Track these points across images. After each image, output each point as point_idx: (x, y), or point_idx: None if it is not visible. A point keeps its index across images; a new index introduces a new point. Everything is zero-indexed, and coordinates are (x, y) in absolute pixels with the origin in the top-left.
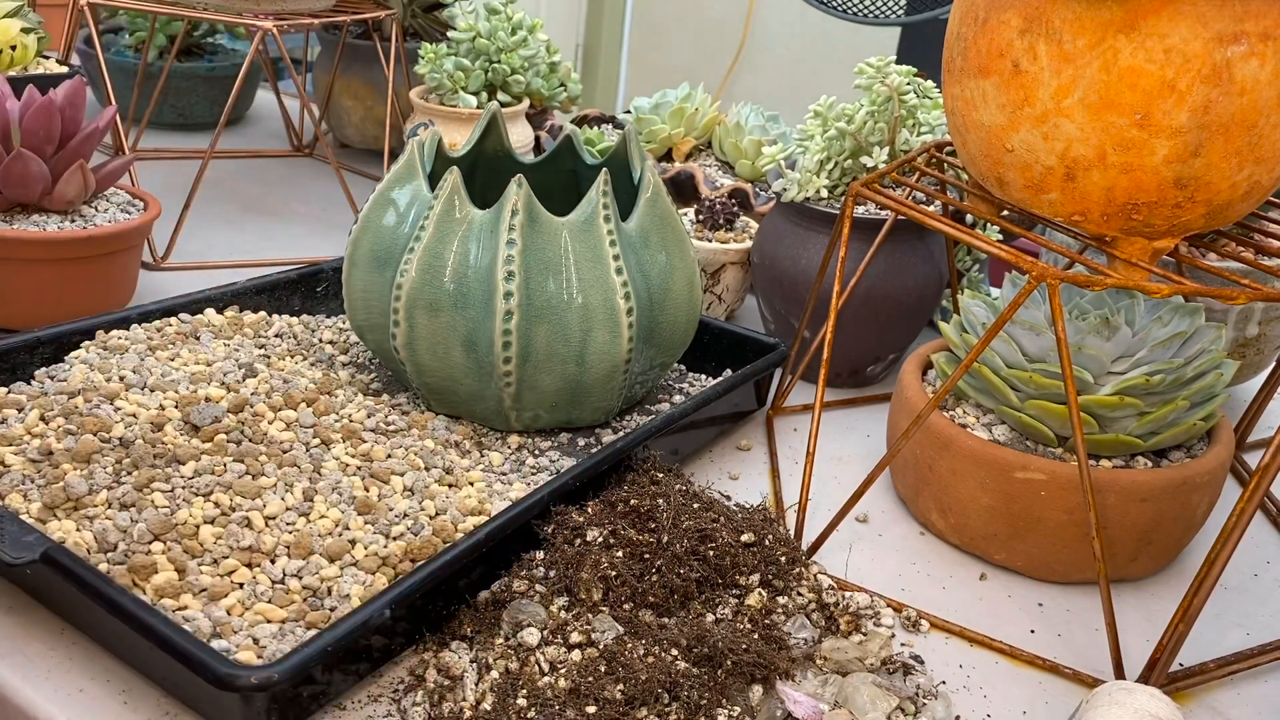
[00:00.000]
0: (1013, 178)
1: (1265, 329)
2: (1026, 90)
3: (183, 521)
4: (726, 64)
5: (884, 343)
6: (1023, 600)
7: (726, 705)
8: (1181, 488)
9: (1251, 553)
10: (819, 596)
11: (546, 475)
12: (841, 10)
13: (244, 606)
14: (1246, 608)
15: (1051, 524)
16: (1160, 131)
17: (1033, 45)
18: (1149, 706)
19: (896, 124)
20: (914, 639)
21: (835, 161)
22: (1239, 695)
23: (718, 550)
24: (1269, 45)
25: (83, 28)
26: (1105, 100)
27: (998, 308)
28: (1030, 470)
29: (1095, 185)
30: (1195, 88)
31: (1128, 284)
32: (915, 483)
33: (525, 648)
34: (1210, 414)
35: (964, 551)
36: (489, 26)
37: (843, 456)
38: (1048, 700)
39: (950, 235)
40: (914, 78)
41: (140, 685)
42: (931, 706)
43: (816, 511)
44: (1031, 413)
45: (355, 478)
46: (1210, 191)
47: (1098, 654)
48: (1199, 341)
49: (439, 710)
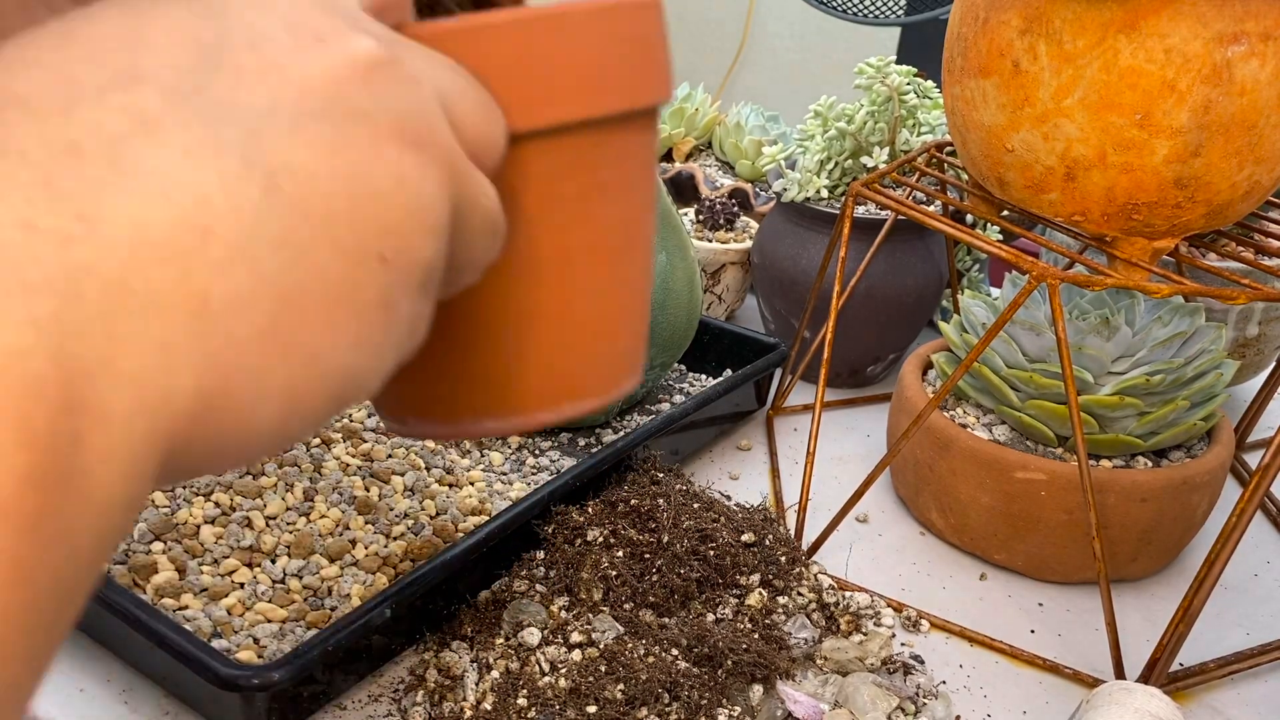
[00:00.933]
0: (1013, 178)
1: (1265, 329)
2: (1027, 90)
3: (183, 521)
4: (726, 64)
5: (884, 343)
6: (1023, 600)
7: (727, 705)
8: (1182, 488)
9: (1251, 553)
10: (819, 596)
11: (547, 475)
12: (841, 10)
13: (244, 606)
14: (1247, 608)
15: (1052, 524)
16: (1160, 131)
17: (1033, 45)
18: (1149, 706)
19: (896, 124)
20: (914, 639)
21: (835, 161)
22: (1239, 695)
23: (718, 550)
24: (1269, 45)
25: None
26: (1105, 100)
27: (998, 308)
28: (1030, 470)
29: (1095, 185)
30: (1195, 88)
31: (1128, 284)
32: (915, 483)
33: (525, 647)
34: (1210, 414)
35: (964, 551)
36: None
37: (843, 456)
38: (1048, 700)
39: (950, 235)
40: (914, 78)
41: (141, 685)
42: (932, 706)
43: (817, 511)
44: (1032, 413)
45: (356, 477)
46: (1210, 191)
47: (1098, 654)
48: (1199, 341)
49: (439, 710)
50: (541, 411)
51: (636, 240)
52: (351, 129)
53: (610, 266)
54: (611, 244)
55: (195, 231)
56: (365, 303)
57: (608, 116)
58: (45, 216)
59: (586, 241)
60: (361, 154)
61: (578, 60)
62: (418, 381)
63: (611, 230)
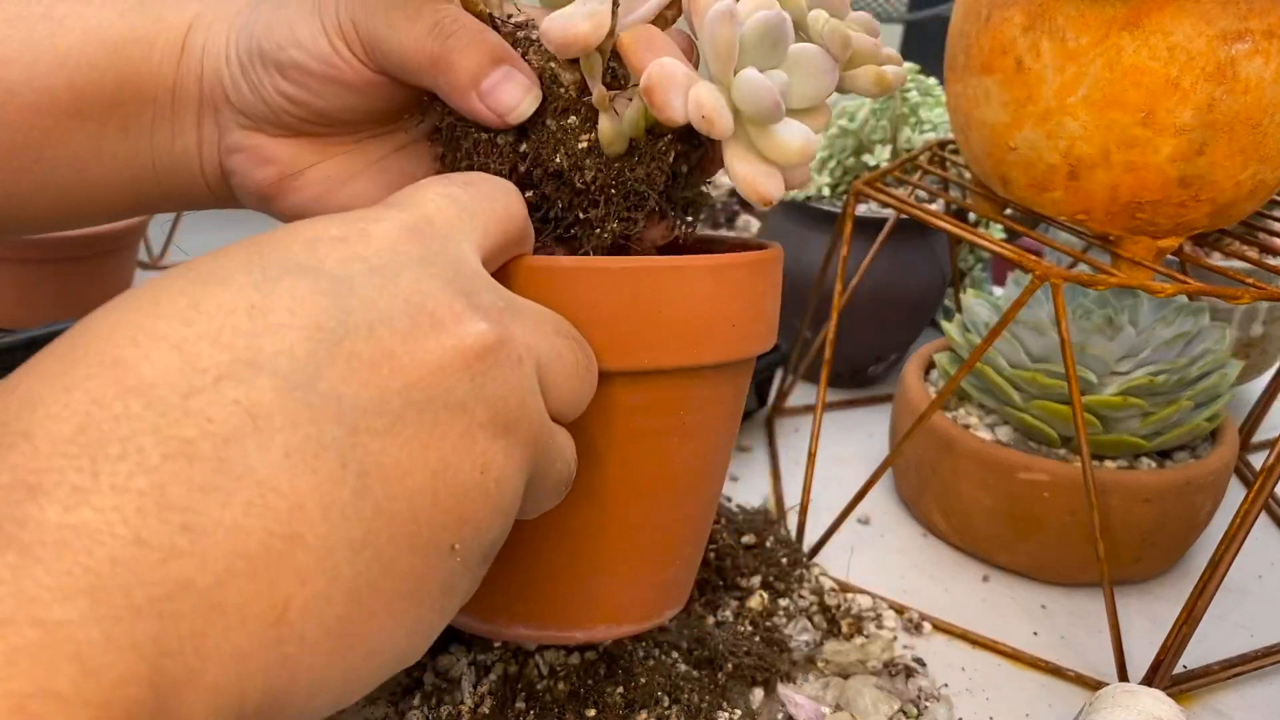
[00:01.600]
0: (1016, 176)
1: (1270, 329)
2: (1030, 88)
3: None
4: None
5: (886, 342)
6: (1025, 602)
7: (727, 708)
8: (1185, 489)
9: (1256, 554)
10: (820, 599)
11: None
12: None
13: None
14: (1251, 610)
15: (1055, 525)
16: (1164, 129)
17: (1036, 42)
18: (1153, 709)
19: (899, 122)
20: (916, 641)
21: (837, 160)
22: (1243, 698)
23: (718, 552)
24: (1273, 43)
25: None
26: (1109, 98)
27: (1001, 307)
28: (1033, 471)
29: (1099, 184)
30: (1199, 85)
31: (1132, 283)
32: (917, 484)
33: (524, 651)
34: (1215, 414)
35: (966, 553)
36: None
37: (844, 457)
38: (1050, 703)
39: (953, 234)
40: (916, 75)
41: None
42: (934, 709)
43: (818, 513)
44: (1035, 413)
45: None
46: (1215, 190)
47: (1101, 656)
48: (1203, 341)
49: (437, 713)
50: (577, 630)
51: (707, 477)
52: (448, 420)
53: (674, 502)
54: (682, 481)
55: (286, 539)
56: (429, 592)
57: (703, 366)
58: (155, 530)
59: (657, 476)
60: (452, 445)
61: (686, 313)
62: None
63: (685, 468)
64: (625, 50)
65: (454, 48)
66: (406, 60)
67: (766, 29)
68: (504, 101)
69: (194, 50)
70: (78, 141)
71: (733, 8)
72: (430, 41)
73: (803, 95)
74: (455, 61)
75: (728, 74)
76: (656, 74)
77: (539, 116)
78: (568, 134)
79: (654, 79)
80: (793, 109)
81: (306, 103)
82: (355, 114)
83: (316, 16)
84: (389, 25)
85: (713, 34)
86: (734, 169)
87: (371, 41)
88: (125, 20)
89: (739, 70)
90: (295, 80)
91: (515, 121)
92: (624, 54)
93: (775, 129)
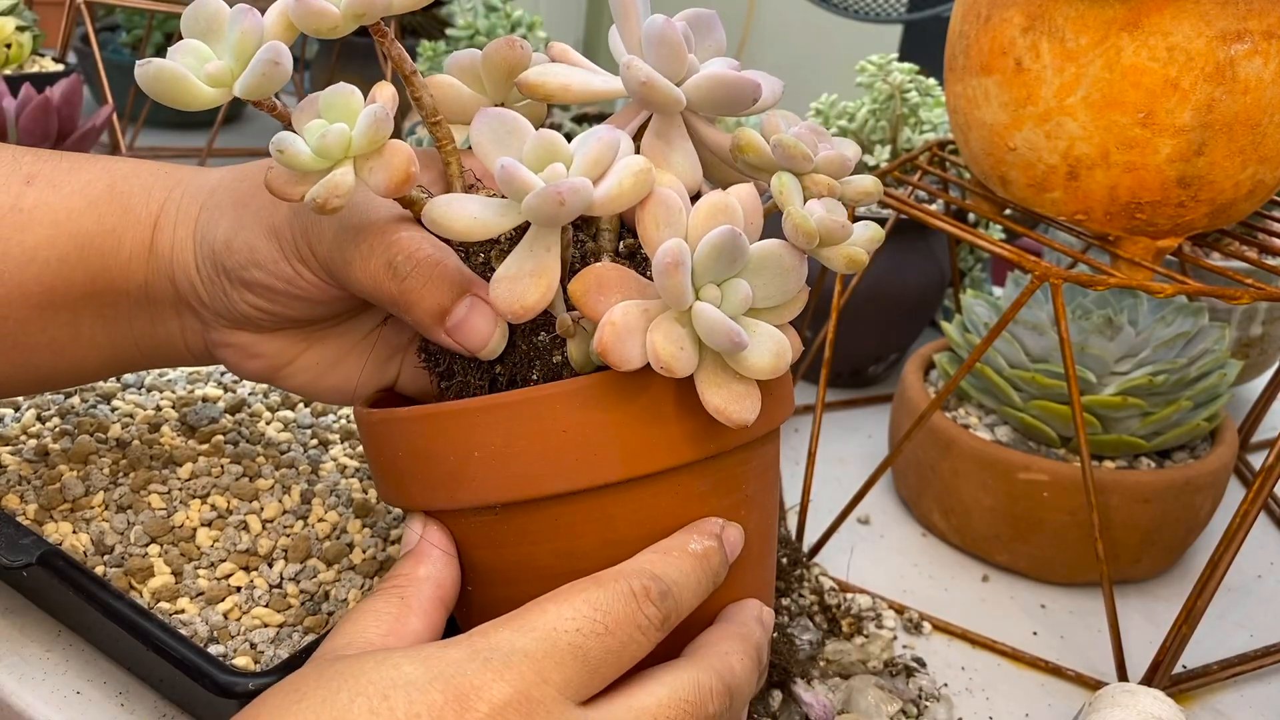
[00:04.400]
0: (1015, 176)
1: (1269, 329)
2: (1029, 88)
3: (180, 524)
4: None
5: (886, 343)
6: (1025, 602)
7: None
8: (1185, 488)
9: (1255, 554)
10: (821, 598)
11: None
12: (843, 8)
13: (241, 610)
14: (1250, 609)
15: (1054, 525)
16: (1163, 130)
17: (1035, 43)
18: (1152, 709)
19: (898, 122)
20: (916, 641)
21: None
22: (1242, 698)
23: None
24: (1272, 44)
25: (79, 25)
26: (1108, 98)
27: (1000, 307)
28: (1033, 471)
29: (1098, 184)
30: (1199, 86)
31: (1131, 284)
32: (917, 484)
33: None
34: (1214, 414)
35: (966, 553)
36: (488, 24)
37: (844, 457)
38: (1050, 702)
39: (953, 234)
40: (916, 76)
41: (137, 688)
42: (934, 709)
43: (818, 513)
44: (1034, 413)
45: (354, 479)
46: (1214, 190)
47: (1100, 656)
48: (1202, 341)
49: None
50: None
51: (770, 545)
52: None
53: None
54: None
55: None
56: None
57: (755, 440)
58: None
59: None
60: None
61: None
62: None
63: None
64: (577, 300)
65: (411, 289)
66: (368, 295)
67: (720, 250)
68: (473, 339)
69: (162, 252)
70: (54, 328)
71: (679, 255)
72: (388, 283)
73: (769, 297)
74: (415, 302)
75: (685, 309)
76: (609, 336)
77: (509, 337)
78: (540, 352)
79: (606, 340)
80: (763, 309)
81: (278, 313)
82: (330, 313)
83: (275, 240)
84: (345, 263)
85: (663, 284)
86: (706, 400)
87: (330, 272)
88: (94, 211)
89: (700, 288)
90: (263, 295)
91: (489, 358)
92: (576, 304)
93: (743, 354)
